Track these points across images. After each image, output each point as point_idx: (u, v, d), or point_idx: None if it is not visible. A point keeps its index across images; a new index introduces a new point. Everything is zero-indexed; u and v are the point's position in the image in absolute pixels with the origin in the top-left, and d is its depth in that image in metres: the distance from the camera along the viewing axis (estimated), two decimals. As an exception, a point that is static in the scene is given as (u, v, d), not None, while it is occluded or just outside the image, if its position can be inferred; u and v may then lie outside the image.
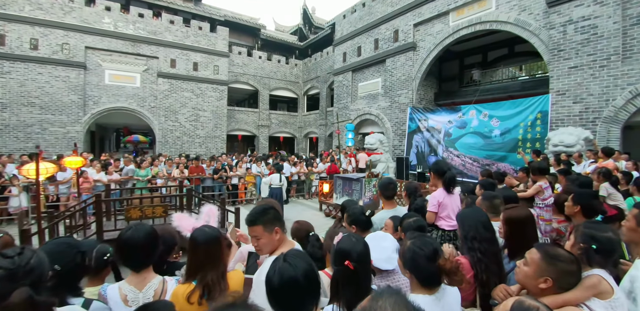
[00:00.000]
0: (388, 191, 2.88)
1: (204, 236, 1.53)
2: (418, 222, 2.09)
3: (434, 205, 2.68)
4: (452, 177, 2.71)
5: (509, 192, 2.86)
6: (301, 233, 2.31)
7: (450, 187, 2.69)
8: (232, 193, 9.02)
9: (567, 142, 6.58)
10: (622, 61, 6.89)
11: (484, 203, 2.39)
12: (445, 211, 2.67)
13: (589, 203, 2.24)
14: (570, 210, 2.32)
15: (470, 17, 10.03)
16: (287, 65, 20.61)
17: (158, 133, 14.97)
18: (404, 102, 12.39)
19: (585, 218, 2.24)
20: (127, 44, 14.35)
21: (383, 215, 2.76)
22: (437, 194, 2.70)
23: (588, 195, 2.32)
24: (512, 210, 1.94)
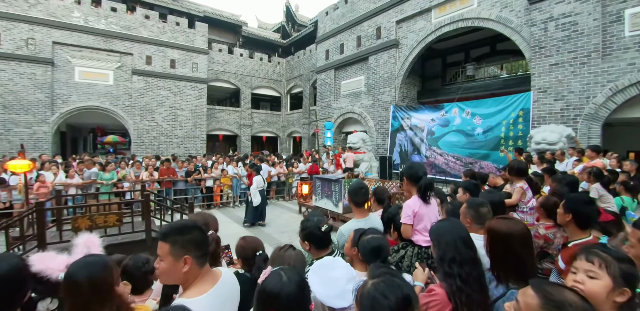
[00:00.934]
0: (358, 197, 2.50)
1: (85, 270, 1.14)
2: (374, 241, 1.69)
3: (409, 216, 2.24)
4: (429, 183, 2.30)
5: (494, 196, 2.51)
6: (247, 252, 1.93)
7: (426, 195, 2.29)
8: (207, 196, 8.56)
9: (549, 139, 6.48)
10: (602, 58, 6.82)
11: (469, 212, 2.04)
12: (421, 223, 2.24)
13: (584, 211, 1.92)
14: (562, 219, 2.00)
15: (453, 14, 9.91)
16: (270, 63, 20.14)
17: (133, 134, 14.28)
18: (387, 100, 12.18)
19: (578, 229, 1.96)
20: (98, 39, 13.62)
21: (352, 226, 2.36)
22: (411, 203, 2.28)
23: (581, 200, 1.98)
24: (499, 222, 1.57)
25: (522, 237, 1.50)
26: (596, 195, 3.67)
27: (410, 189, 2.40)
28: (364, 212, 2.54)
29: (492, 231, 1.56)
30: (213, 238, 1.64)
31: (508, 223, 1.55)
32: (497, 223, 1.58)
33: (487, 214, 1.99)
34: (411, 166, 2.47)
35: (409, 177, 2.39)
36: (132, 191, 7.41)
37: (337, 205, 6.56)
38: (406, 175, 2.41)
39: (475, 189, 2.82)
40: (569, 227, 2.00)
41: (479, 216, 1.99)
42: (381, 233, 1.92)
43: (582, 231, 1.94)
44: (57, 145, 13.72)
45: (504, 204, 2.43)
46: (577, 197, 2.05)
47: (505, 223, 1.54)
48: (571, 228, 1.99)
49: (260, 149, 19.45)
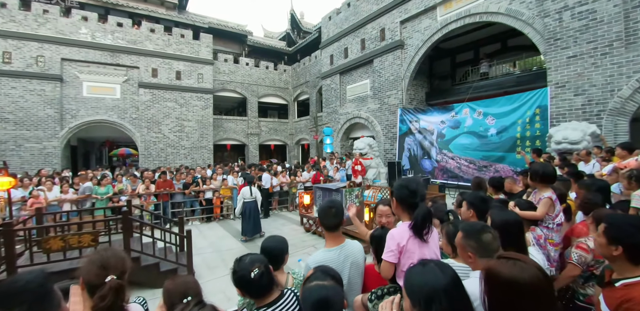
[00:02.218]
0: (328, 219, 1.94)
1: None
2: (317, 293, 1.21)
3: (392, 251, 1.66)
4: (427, 214, 1.65)
5: (507, 216, 1.89)
6: (173, 297, 1.49)
7: (422, 231, 1.65)
8: (207, 209, 8.26)
9: (571, 138, 5.83)
10: (625, 47, 6.19)
11: (468, 244, 1.48)
12: (410, 261, 1.64)
13: (637, 242, 1.36)
14: (607, 251, 1.45)
15: (459, 10, 9.46)
16: (276, 71, 20.05)
17: (140, 146, 14.33)
18: (394, 103, 11.70)
19: (631, 264, 1.40)
20: (105, 54, 13.85)
21: (321, 258, 1.91)
22: (397, 234, 1.69)
23: (630, 225, 1.40)
24: (501, 264, 1.07)
25: (532, 288, 1.00)
26: None
27: (401, 214, 1.80)
28: (337, 238, 2.00)
29: (490, 276, 1.07)
30: (111, 287, 1.19)
31: (513, 266, 1.04)
32: (497, 265, 1.08)
33: (492, 242, 1.46)
34: (406, 185, 1.78)
35: (401, 200, 1.78)
36: (118, 207, 7.13)
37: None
38: (396, 196, 1.79)
39: (481, 204, 2.27)
40: (617, 262, 1.45)
41: (482, 247, 1.46)
42: (334, 278, 1.38)
43: (636, 266, 1.40)
44: (68, 160, 13.89)
45: (521, 226, 1.85)
46: (626, 221, 1.46)
47: (509, 267, 1.04)
48: (621, 264, 1.43)
49: (269, 158, 19.21)
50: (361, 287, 2.04)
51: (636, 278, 1.38)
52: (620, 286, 1.39)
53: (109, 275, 1.22)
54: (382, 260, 1.69)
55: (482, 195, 2.43)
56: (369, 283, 2.02)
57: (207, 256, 5.83)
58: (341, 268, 1.91)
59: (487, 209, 2.16)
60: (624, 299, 1.33)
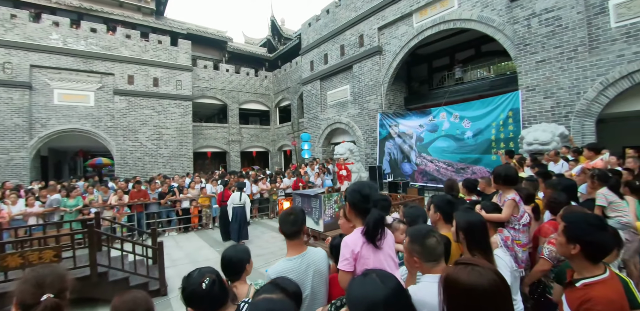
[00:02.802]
0: (286, 226, 1.84)
1: None
2: (265, 306, 1.10)
3: (347, 259, 1.57)
4: (379, 220, 1.58)
5: (471, 217, 1.87)
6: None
7: (375, 237, 1.57)
8: (184, 219, 7.99)
9: (541, 139, 6.03)
10: (589, 52, 6.48)
11: (413, 248, 1.45)
12: (365, 267, 1.53)
13: (596, 240, 1.37)
14: (565, 250, 1.45)
15: (434, 17, 9.70)
16: (257, 78, 19.95)
17: (116, 155, 13.84)
18: (374, 108, 11.81)
19: (590, 263, 1.40)
20: (78, 60, 13.39)
21: (281, 268, 1.80)
22: (350, 241, 1.62)
23: (590, 225, 1.41)
24: (459, 270, 1.03)
25: (491, 293, 0.96)
26: (604, 203, 3.10)
27: (354, 219, 1.73)
28: (299, 246, 1.91)
29: (449, 284, 1.02)
30: (46, 306, 1.10)
31: (471, 272, 1.00)
32: (455, 272, 1.03)
33: (437, 247, 1.44)
34: (359, 189, 1.70)
35: (353, 205, 1.70)
36: (104, 219, 6.82)
37: (317, 223, 6.00)
38: (349, 201, 1.72)
39: (447, 207, 2.24)
40: (575, 261, 1.44)
41: (427, 252, 1.43)
42: (284, 290, 1.31)
43: (595, 265, 1.40)
44: (38, 171, 13.26)
45: (485, 227, 1.83)
46: (583, 219, 1.46)
47: (467, 273, 1.00)
48: (579, 263, 1.43)
49: (251, 165, 18.94)
50: (326, 296, 1.96)
51: (595, 277, 1.38)
52: (581, 286, 1.39)
53: (45, 294, 1.15)
54: (340, 270, 1.62)
55: (448, 198, 2.41)
56: (335, 293, 1.94)
57: (182, 268, 5.61)
58: (303, 277, 1.84)
59: (452, 211, 2.14)
60: (583, 299, 1.32)
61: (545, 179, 3.76)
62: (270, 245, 6.49)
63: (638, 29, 5.87)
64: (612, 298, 1.29)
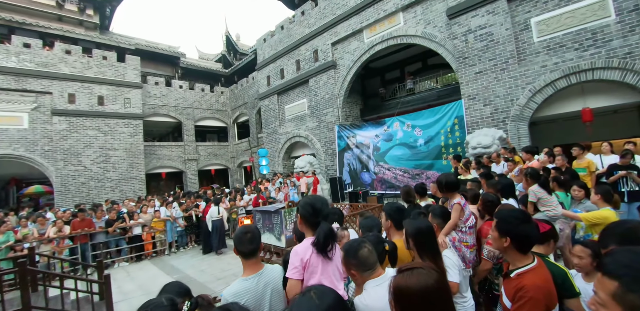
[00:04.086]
0: (243, 245, 1.77)
1: None
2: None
3: (296, 267, 1.63)
4: (327, 233, 1.65)
5: (419, 224, 1.91)
6: None
7: (325, 249, 1.64)
8: (137, 247, 7.36)
9: (484, 143, 6.52)
10: (518, 63, 7.19)
11: (350, 263, 1.52)
12: (314, 277, 1.61)
13: (522, 232, 1.50)
14: (499, 244, 1.57)
15: (382, 33, 10.23)
16: (213, 94, 19.51)
17: (56, 181, 12.57)
18: (331, 120, 12.03)
19: (520, 253, 1.52)
20: (8, 78, 12.19)
21: (237, 288, 1.73)
22: (300, 249, 1.68)
23: (516, 219, 1.54)
24: (406, 277, 1.05)
25: (440, 290, 1.04)
26: (534, 198, 3.41)
27: (305, 230, 1.80)
28: (255, 265, 1.84)
29: (401, 292, 1.04)
30: None
31: (419, 275, 1.04)
32: (403, 279, 1.06)
33: (369, 256, 1.50)
34: (311, 203, 1.80)
35: (304, 218, 1.78)
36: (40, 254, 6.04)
37: (279, 239, 5.81)
38: (301, 213, 1.80)
39: (397, 215, 2.30)
40: (508, 253, 1.56)
41: (361, 263, 1.49)
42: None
43: (524, 255, 1.53)
44: (-40, 204, 11.62)
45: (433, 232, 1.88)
46: (510, 214, 1.60)
47: (416, 277, 1.04)
48: (511, 254, 1.55)
49: (210, 184, 18.19)
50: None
51: (525, 266, 1.50)
52: (514, 276, 1.50)
53: None
54: (288, 278, 1.64)
55: (398, 205, 2.47)
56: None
57: (135, 301, 5.12)
58: (260, 296, 1.78)
59: (403, 219, 2.19)
60: (517, 288, 1.43)
61: (487, 179, 4.03)
62: (232, 266, 6.17)
63: (556, 42, 6.65)
64: (540, 284, 1.41)
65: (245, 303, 1.64)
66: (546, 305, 1.36)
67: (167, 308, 1.29)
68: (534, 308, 1.36)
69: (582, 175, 4.63)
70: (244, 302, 1.63)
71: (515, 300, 1.41)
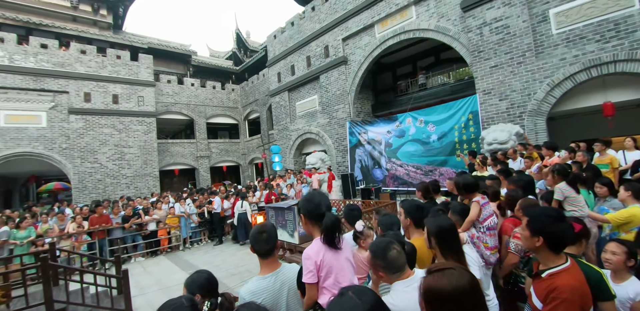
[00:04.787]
0: (259, 244, 1.77)
1: None
2: None
3: (311, 271, 1.60)
4: (335, 223, 1.65)
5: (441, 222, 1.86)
6: None
7: (333, 239, 1.64)
8: (153, 242, 7.50)
9: (500, 138, 6.38)
10: (536, 56, 6.98)
11: (377, 263, 1.49)
12: (329, 277, 1.59)
13: (556, 231, 1.44)
14: (530, 243, 1.51)
15: (394, 27, 10.08)
16: (224, 91, 19.64)
17: (74, 178, 12.91)
18: (342, 116, 11.96)
19: (552, 253, 1.46)
20: (27, 79, 12.50)
21: (254, 287, 1.73)
22: (311, 251, 1.65)
23: (549, 217, 1.47)
24: (437, 278, 1.02)
25: (472, 294, 0.99)
26: (561, 197, 3.25)
27: (311, 230, 1.78)
28: (272, 263, 1.84)
29: (433, 294, 1.01)
30: None
31: (450, 276, 1.01)
32: (434, 280, 1.03)
33: (398, 258, 1.46)
34: (310, 199, 1.79)
35: (307, 214, 1.77)
36: (60, 249, 6.23)
37: (292, 235, 5.86)
38: (303, 212, 1.78)
39: (417, 212, 2.24)
40: (540, 252, 1.51)
41: (390, 265, 1.45)
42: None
43: (557, 255, 1.47)
44: (-17, 201, 12.06)
45: (456, 230, 1.83)
46: (543, 213, 1.53)
47: (448, 278, 1.01)
48: (543, 254, 1.49)
49: (222, 180, 18.37)
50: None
51: (559, 267, 1.44)
52: (546, 277, 1.44)
53: None
54: (305, 283, 1.62)
55: (418, 203, 2.42)
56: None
57: (151, 296, 5.24)
58: (277, 296, 1.78)
59: (422, 216, 2.14)
60: (550, 289, 1.38)
61: (506, 176, 3.93)
62: (245, 262, 6.23)
63: (576, 34, 6.42)
64: (574, 285, 1.35)
65: (263, 302, 1.63)
66: (581, 307, 1.32)
67: (188, 309, 1.29)
68: (568, 310, 1.31)
69: (604, 171, 4.47)
70: (261, 301, 1.63)
71: (548, 301, 1.36)
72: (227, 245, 7.79)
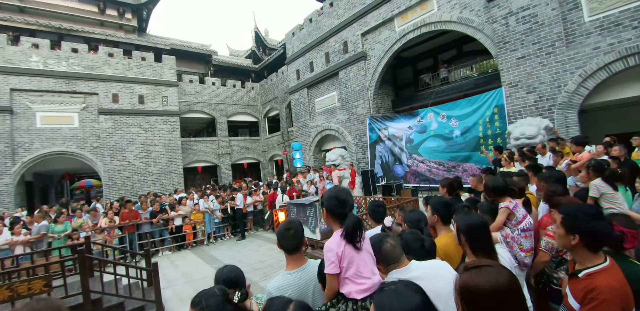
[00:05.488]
0: (286, 240, 1.79)
1: None
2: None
3: (333, 262, 1.61)
4: (355, 224, 1.64)
5: (471, 219, 1.81)
6: None
7: (354, 239, 1.64)
8: (179, 237, 7.78)
9: (528, 133, 6.12)
10: (566, 46, 6.63)
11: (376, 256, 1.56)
12: (351, 267, 1.61)
13: (594, 229, 1.36)
14: (565, 242, 1.44)
15: (415, 20, 9.87)
16: (244, 89, 19.93)
17: (104, 176, 13.55)
18: (362, 112, 11.87)
19: (590, 252, 1.40)
20: (60, 82, 13.19)
21: (281, 282, 1.76)
22: (333, 244, 1.65)
23: (587, 214, 1.40)
24: (473, 275, 1.00)
25: (509, 290, 0.96)
26: (597, 194, 3.09)
27: (332, 224, 1.77)
28: (299, 259, 1.85)
29: (470, 292, 0.99)
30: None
31: (489, 274, 0.98)
32: (471, 277, 1.00)
33: (393, 251, 1.55)
34: (335, 195, 1.75)
35: (329, 210, 1.74)
36: (94, 243, 6.59)
37: (314, 231, 5.90)
38: (326, 207, 1.76)
39: (445, 209, 2.19)
40: (576, 251, 1.44)
41: (385, 257, 1.55)
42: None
43: (595, 254, 1.41)
44: (23, 197, 12.88)
45: (487, 228, 1.77)
46: (579, 210, 1.46)
47: (486, 276, 0.98)
48: (580, 253, 1.43)
49: (242, 177, 18.73)
50: (327, 310, 1.90)
51: (597, 266, 1.38)
52: (584, 276, 1.39)
53: None
54: (327, 274, 1.64)
55: (445, 199, 2.37)
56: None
57: (179, 288, 5.44)
58: (304, 291, 1.80)
59: (450, 213, 2.10)
60: (588, 289, 1.33)
61: (535, 172, 3.78)
62: (267, 257, 6.35)
63: (611, 21, 6.04)
64: (615, 285, 1.30)
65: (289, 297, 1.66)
66: (622, 308, 1.25)
67: (220, 298, 1.33)
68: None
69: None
70: (287, 296, 1.65)
71: (586, 302, 1.30)
72: (249, 241, 7.96)
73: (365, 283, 1.59)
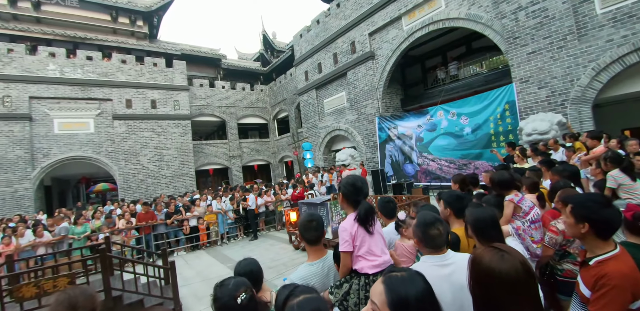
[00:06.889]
0: (309, 232, 1.88)
1: None
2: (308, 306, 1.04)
3: (347, 241, 1.77)
4: (368, 210, 1.80)
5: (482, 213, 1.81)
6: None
7: (367, 224, 1.80)
8: (193, 237, 7.92)
9: (540, 129, 6.04)
10: (578, 39, 6.53)
11: (416, 232, 1.58)
12: (364, 245, 1.77)
13: (602, 217, 1.38)
14: (575, 231, 1.45)
15: (422, 18, 9.86)
16: (253, 92, 20.16)
17: (119, 179, 13.89)
18: (371, 112, 11.87)
19: (600, 239, 1.41)
20: (76, 89, 13.61)
21: (303, 273, 1.85)
22: (347, 224, 1.82)
23: (594, 202, 1.42)
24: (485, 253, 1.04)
25: (508, 279, 0.97)
26: (614, 185, 3.08)
27: (346, 208, 1.94)
28: (319, 250, 1.94)
29: (474, 263, 1.06)
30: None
31: (495, 255, 1.01)
32: (482, 253, 1.06)
33: (438, 237, 1.51)
34: (352, 183, 1.92)
35: (346, 196, 1.91)
36: (113, 243, 6.78)
37: (326, 231, 5.94)
38: (343, 192, 1.93)
39: (457, 203, 2.22)
40: (586, 239, 1.46)
41: (427, 239, 1.54)
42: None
43: (605, 242, 1.42)
44: (42, 201, 13.30)
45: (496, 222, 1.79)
46: (588, 198, 1.48)
47: (491, 256, 1.02)
48: (590, 241, 1.44)
49: (253, 178, 18.91)
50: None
51: (607, 254, 1.39)
52: (594, 264, 1.40)
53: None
54: (341, 252, 1.79)
55: (457, 193, 2.39)
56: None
57: (195, 287, 5.55)
58: (326, 280, 1.93)
59: (463, 207, 2.12)
60: (598, 276, 1.34)
61: (549, 167, 3.74)
62: (280, 256, 6.42)
63: (624, 13, 5.93)
64: (625, 272, 1.31)
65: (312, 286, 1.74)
66: (633, 294, 1.26)
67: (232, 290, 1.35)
68: (618, 297, 1.27)
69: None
70: (311, 285, 1.76)
71: (597, 288, 1.32)
72: (262, 240, 8.04)
73: (377, 259, 1.76)
